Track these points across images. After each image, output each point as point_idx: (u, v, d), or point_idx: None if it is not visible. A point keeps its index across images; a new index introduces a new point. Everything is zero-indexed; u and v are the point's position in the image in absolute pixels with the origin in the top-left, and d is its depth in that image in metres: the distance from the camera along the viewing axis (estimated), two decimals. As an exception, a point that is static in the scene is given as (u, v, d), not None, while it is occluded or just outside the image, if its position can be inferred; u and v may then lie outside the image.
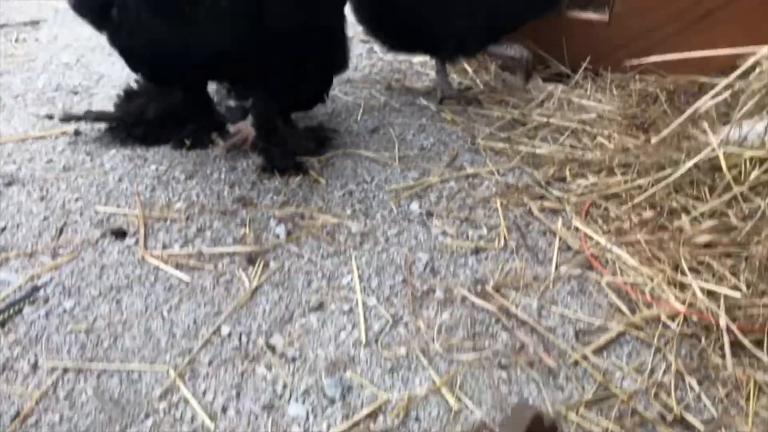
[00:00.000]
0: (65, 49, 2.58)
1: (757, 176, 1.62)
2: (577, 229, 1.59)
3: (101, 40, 1.72)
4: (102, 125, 1.93)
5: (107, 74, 2.36)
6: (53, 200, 1.62)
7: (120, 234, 1.50)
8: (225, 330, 1.25)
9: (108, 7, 1.61)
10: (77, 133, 1.93)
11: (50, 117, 2.04)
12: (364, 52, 2.79)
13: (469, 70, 2.53)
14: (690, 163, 1.64)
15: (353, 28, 3.02)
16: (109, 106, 2.09)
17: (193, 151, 1.88)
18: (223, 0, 1.34)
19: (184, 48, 1.49)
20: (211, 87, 2.04)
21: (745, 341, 1.22)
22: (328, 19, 1.62)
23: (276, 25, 1.42)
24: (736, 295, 1.30)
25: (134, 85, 1.95)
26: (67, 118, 1.89)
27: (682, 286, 1.38)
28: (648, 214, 1.62)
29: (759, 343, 1.23)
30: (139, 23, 1.50)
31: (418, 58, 2.68)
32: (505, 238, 1.55)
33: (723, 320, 1.23)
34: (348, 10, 2.00)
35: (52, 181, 1.70)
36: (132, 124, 1.88)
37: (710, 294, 1.33)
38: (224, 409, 1.09)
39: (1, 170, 1.73)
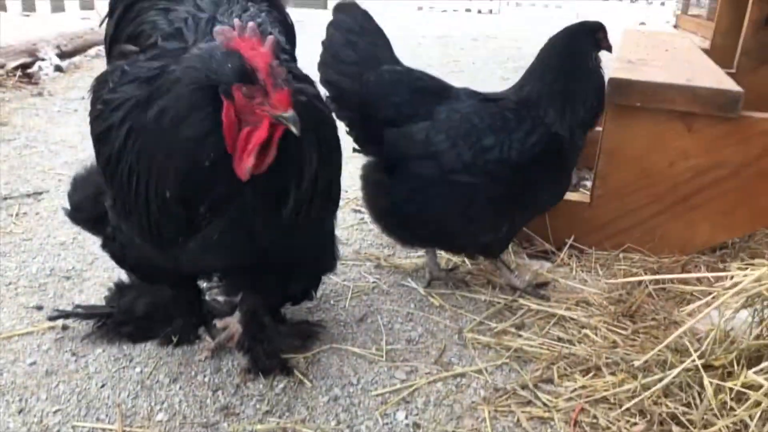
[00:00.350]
0: (63, 225, 2.63)
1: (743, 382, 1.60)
2: (566, 444, 1.56)
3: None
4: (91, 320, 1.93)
5: (101, 255, 2.38)
6: (31, 413, 1.60)
7: (96, 456, 1.46)
8: None
9: (101, 219, 1.67)
10: (65, 327, 1.94)
11: (39, 308, 2.05)
12: (355, 223, 2.86)
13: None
14: (676, 371, 1.64)
15: (344, 194, 3.12)
16: (100, 293, 2.12)
17: (179, 348, 1.88)
18: (214, 232, 1.38)
19: (176, 264, 1.53)
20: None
21: None
22: (320, 231, 1.67)
23: (268, 247, 1.47)
24: None
25: (125, 278, 1.98)
26: (55, 316, 1.90)
27: None
28: (639, 426, 1.59)
29: None
30: (132, 241, 1.55)
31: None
32: (492, 457, 1.51)
33: None
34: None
35: (33, 389, 1.68)
36: (120, 322, 1.88)
37: None
38: None
39: (-17, 376, 1.72)
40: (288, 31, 1.83)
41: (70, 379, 1.73)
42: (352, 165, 3.32)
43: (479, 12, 15.40)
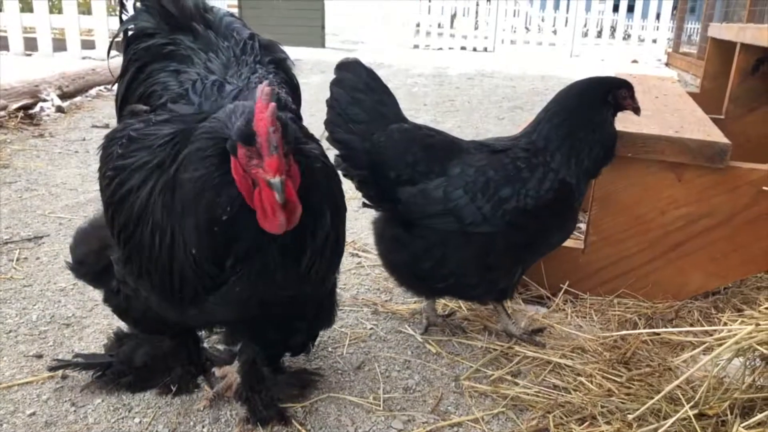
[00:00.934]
0: (63, 270, 2.66)
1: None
2: (562, 496, 1.57)
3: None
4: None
5: (101, 301, 2.41)
6: (31, 467, 1.61)
7: None
8: None
9: (104, 273, 1.70)
10: (64, 377, 1.95)
11: (39, 356, 2.07)
12: (353, 268, 2.89)
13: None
14: (669, 422, 1.66)
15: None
16: (100, 340, 2.14)
17: (178, 398, 1.89)
18: (236, 287, 1.41)
19: (183, 318, 1.56)
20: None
21: None
22: (324, 286, 1.71)
23: (273, 301, 1.51)
24: None
25: (124, 327, 1.99)
26: (55, 367, 1.92)
27: None
28: (633, 478, 1.61)
29: None
30: (137, 295, 1.58)
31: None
32: None
33: None
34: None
35: (32, 442, 1.69)
36: (119, 372, 1.90)
37: None
38: None
39: (-17, 427, 1.73)
40: (294, 91, 1.88)
41: (69, 430, 1.74)
42: (349, 207, 3.38)
43: (474, 50, 15.70)
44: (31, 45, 9.40)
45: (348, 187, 3.79)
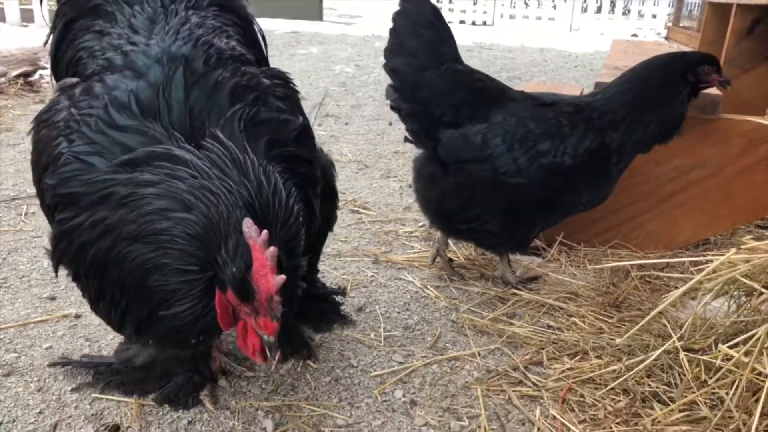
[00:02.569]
0: (71, 223, 2.73)
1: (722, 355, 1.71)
2: (554, 418, 1.66)
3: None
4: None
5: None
6: (50, 392, 1.68)
7: (113, 429, 1.55)
8: None
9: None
10: (77, 316, 2.03)
11: (52, 298, 2.14)
12: (353, 223, 2.96)
13: (451, 242, 2.69)
14: (656, 353, 1.74)
15: (342, 196, 3.22)
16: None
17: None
18: None
19: None
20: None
21: None
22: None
23: None
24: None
25: None
26: (57, 363, 1.77)
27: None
28: (621, 402, 1.70)
29: None
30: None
31: (404, 230, 2.85)
32: (485, 430, 1.61)
33: None
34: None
35: (51, 370, 1.77)
36: (116, 371, 1.72)
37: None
38: None
39: (2, 359, 1.81)
40: (246, 32, 1.78)
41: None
42: (349, 169, 3.45)
43: (473, 24, 15.61)
44: (27, 17, 9.35)
45: (348, 150, 3.85)
